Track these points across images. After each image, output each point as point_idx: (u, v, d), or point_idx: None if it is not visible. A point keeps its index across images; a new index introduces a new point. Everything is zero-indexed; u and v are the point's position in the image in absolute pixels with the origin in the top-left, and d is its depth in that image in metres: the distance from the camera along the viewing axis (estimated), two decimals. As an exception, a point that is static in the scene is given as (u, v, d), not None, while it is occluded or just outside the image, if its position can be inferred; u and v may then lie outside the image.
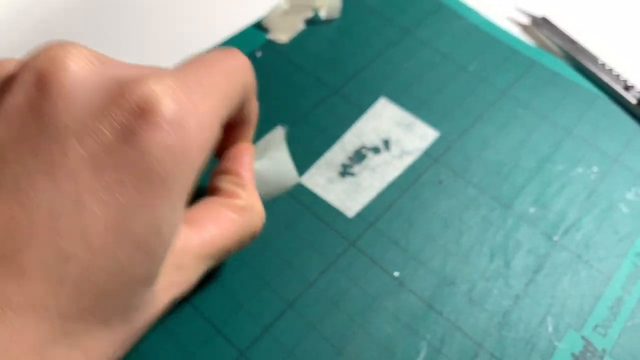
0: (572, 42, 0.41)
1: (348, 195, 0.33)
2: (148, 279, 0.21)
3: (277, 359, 0.27)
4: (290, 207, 0.32)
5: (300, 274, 0.29)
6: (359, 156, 0.34)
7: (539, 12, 0.44)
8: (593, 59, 0.40)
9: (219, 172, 0.28)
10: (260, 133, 0.34)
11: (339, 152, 0.35)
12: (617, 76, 0.39)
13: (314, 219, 0.32)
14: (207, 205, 0.26)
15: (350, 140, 0.35)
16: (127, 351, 0.22)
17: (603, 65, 0.40)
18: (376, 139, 0.35)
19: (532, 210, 0.33)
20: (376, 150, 0.35)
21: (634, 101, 0.38)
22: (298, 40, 0.40)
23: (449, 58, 0.40)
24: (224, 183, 0.27)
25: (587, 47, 0.41)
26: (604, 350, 0.28)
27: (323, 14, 0.41)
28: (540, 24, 0.43)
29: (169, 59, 0.35)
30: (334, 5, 0.41)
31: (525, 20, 0.44)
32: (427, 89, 0.38)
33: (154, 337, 0.27)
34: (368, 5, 0.43)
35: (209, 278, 0.29)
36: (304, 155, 0.34)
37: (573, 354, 0.28)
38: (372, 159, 0.34)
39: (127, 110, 0.19)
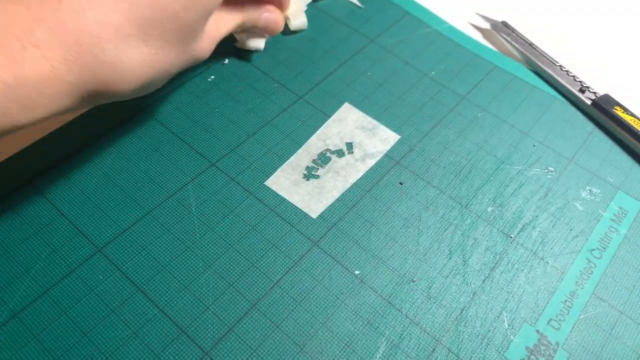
0: (531, 46, 0.43)
1: (312, 197, 0.34)
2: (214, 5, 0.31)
3: (241, 358, 0.27)
4: (255, 209, 0.33)
5: (264, 274, 0.30)
6: (323, 159, 0.35)
7: (499, 18, 0.45)
8: (551, 62, 0.42)
9: None
10: (225, 137, 0.35)
11: (303, 156, 0.35)
12: (574, 78, 0.40)
13: (279, 220, 0.32)
14: None
15: (315, 144, 0.36)
16: (166, 79, 0.31)
17: (560, 67, 0.41)
18: (340, 143, 0.36)
19: (489, 209, 0.34)
20: (340, 153, 0.36)
21: (589, 102, 0.39)
22: (265, 49, 0.41)
23: (412, 65, 0.42)
24: None
25: (545, 51, 0.42)
26: (557, 344, 0.29)
27: (291, 26, 0.42)
28: (500, 29, 0.44)
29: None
30: (301, 20, 0.42)
31: (486, 25, 0.45)
32: (389, 95, 0.39)
33: (120, 338, 0.27)
34: (334, 15, 0.44)
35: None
36: (270, 159, 0.35)
37: (527, 348, 0.29)
38: (336, 162, 0.35)
39: None
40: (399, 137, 0.37)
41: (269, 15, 0.38)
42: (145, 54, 0.27)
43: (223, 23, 0.35)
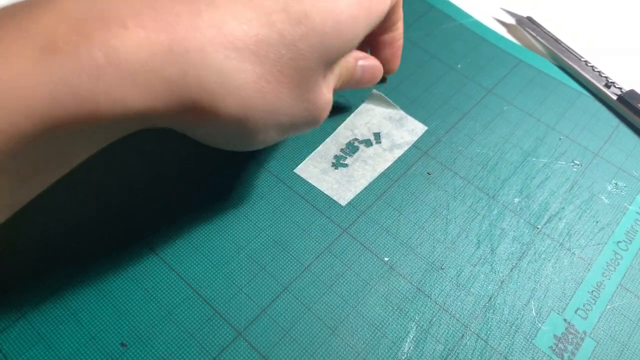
0: (556, 41, 0.43)
1: (341, 185, 0.34)
2: (349, 48, 0.26)
3: (274, 338, 0.28)
4: (286, 196, 0.33)
5: (295, 258, 0.31)
6: (351, 148, 0.36)
7: (524, 12, 0.45)
8: (576, 57, 0.42)
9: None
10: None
11: (332, 145, 0.36)
12: (599, 73, 0.41)
13: (309, 207, 0.33)
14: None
15: (342, 134, 0.37)
16: (271, 132, 0.26)
17: (585, 63, 0.41)
18: (368, 133, 0.37)
19: (516, 200, 0.34)
20: (368, 143, 0.36)
21: (614, 97, 0.39)
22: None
23: (438, 58, 0.42)
24: None
25: (571, 46, 0.43)
26: (584, 332, 0.29)
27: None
28: (525, 24, 0.45)
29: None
30: None
31: (511, 20, 0.45)
32: (416, 87, 0.40)
33: (154, 318, 0.28)
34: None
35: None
36: (298, 147, 0.36)
37: (555, 336, 0.29)
38: (364, 151, 0.36)
39: None
40: (426, 128, 0.37)
41: (367, 63, 0.32)
42: (256, 75, 0.23)
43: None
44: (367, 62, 0.32)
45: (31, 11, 0.19)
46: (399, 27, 0.34)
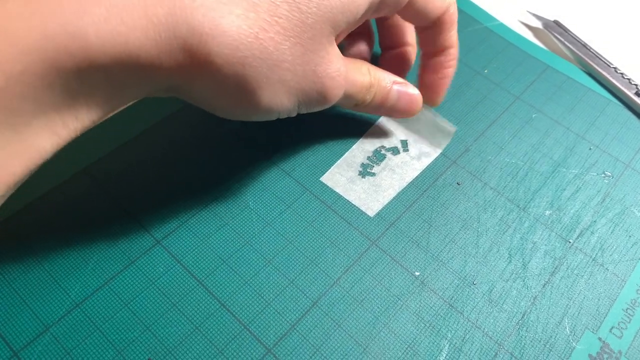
0: (584, 47, 0.42)
1: (368, 195, 0.33)
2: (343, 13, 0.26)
3: (304, 356, 0.27)
4: (313, 205, 0.32)
5: (324, 272, 0.30)
6: (378, 156, 0.35)
7: (551, 16, 0.44)
8: (605, 63, 0.41)
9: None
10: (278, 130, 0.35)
11: (358, 152, 0.35)
12: (629, 81, 0.40)
13: (336, 217, 0.32)
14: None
15: (369, 141, 0.36)
16: (281, 103, 0.26)
17: (615, 70, 0.40)
18: (394, 140, 0.36)
19: (547, 213, 0.33)
20: (395, 151, 0.35)
21: (645, 107, 0.38)
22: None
23: (464, 62, 0.41)
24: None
25: (599, 52, 0.42)
26: (620, 352, 0.29)
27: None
28: (552, 28, 0.44)
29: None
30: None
31: (537, 24, 0.45)
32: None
33: (182, 333, 0.27)
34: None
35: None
36: (324, 154, 0.35)
37: (590, 356, 0.29)
38: (391, 159, 0.35)
39: None
40: (455, 128, 0.37)
41: (404, 89, 0.32)
42: (249, 20, 0.23)
43: (353, 73, 0.30)
44: (404, 88, 0.32)
45: None
46: (450, 55, 0.33)
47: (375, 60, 0.36)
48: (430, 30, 0.32)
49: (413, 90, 0.33)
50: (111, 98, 0.23)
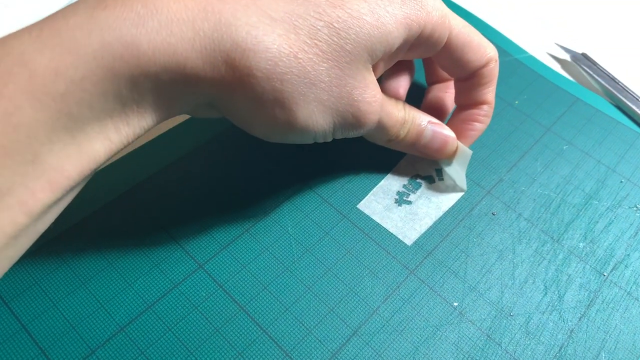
0: (612, 80, 0.43)
1: (405, 223, 0.34)
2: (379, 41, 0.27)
3: (346, 384, 0.27)
4: (351, 233, 0.33)
5: (363, 300, 0.30)
6: (414, 184, 0.35)
7: (579, 48, 0.45)
8: (633, 97, 0.41)
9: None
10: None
11: (394, 180, 0.35)
12: (658, 116, 0.40)
13: (374, 245, 0.32)
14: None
15: (404, 169, 0.36)
16: (315, 125, 0.27)
17: (644, 104, 0.41)
18: (429, 168, 0.36)
19: (581, 245, 0.34)
20: (430, 179, 0.36)
21: (675, 142, 0.39)
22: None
23: (497, 93, 0.41)
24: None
25: (627, 85, 0.42)
26: (656, 387, 0.29)
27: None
28: (581, 60, 0.44)
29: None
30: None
31: (565, 56, 0.45)
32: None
33: (225, 359, 0.27)
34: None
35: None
36: (360, 181, 0.35)
37: (628, 390, 0.29)
38: (427, 188, 0.35)
39: None
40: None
41: (439, 130, 0.33)
42: (289, 39, 0.24)
43: (388, 105, 0.30)
44: (439, 128, 0.33)
45: None
46: (484, 111, 0.34)
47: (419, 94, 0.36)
48: (467, 82, 0.33)
49: (448, 132, 0.33)
50: (159, 107, 0.24)
